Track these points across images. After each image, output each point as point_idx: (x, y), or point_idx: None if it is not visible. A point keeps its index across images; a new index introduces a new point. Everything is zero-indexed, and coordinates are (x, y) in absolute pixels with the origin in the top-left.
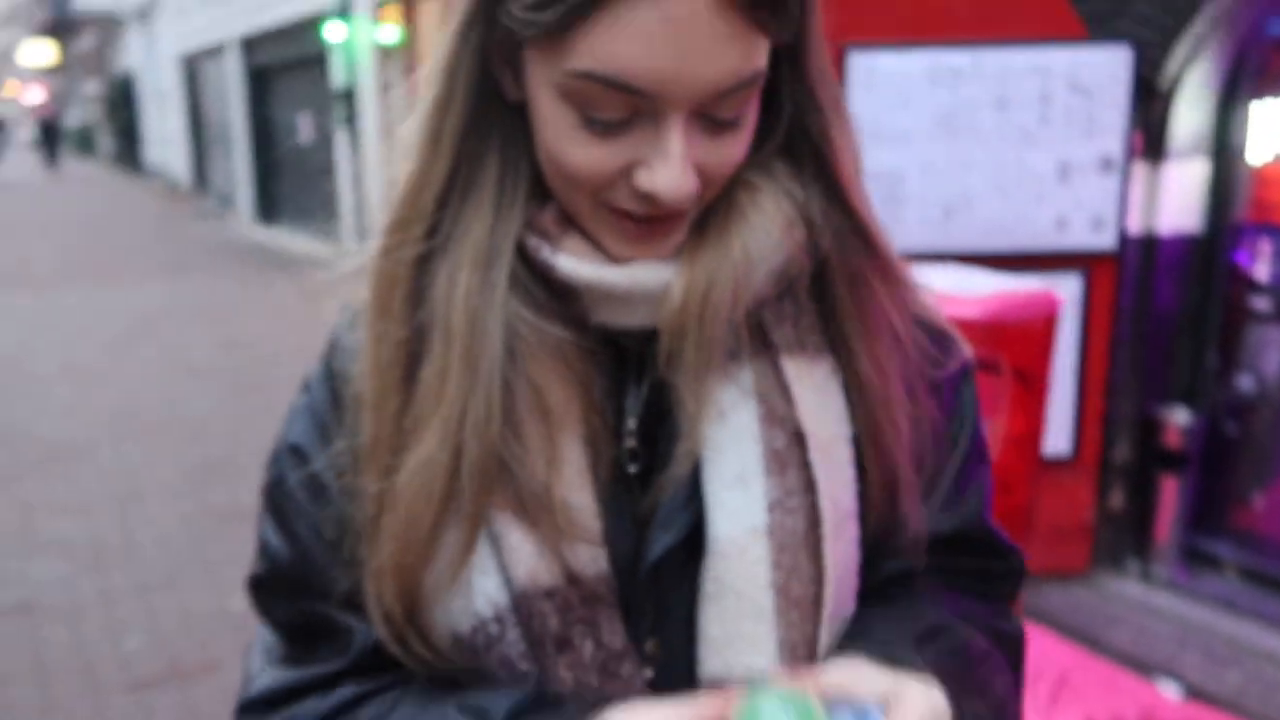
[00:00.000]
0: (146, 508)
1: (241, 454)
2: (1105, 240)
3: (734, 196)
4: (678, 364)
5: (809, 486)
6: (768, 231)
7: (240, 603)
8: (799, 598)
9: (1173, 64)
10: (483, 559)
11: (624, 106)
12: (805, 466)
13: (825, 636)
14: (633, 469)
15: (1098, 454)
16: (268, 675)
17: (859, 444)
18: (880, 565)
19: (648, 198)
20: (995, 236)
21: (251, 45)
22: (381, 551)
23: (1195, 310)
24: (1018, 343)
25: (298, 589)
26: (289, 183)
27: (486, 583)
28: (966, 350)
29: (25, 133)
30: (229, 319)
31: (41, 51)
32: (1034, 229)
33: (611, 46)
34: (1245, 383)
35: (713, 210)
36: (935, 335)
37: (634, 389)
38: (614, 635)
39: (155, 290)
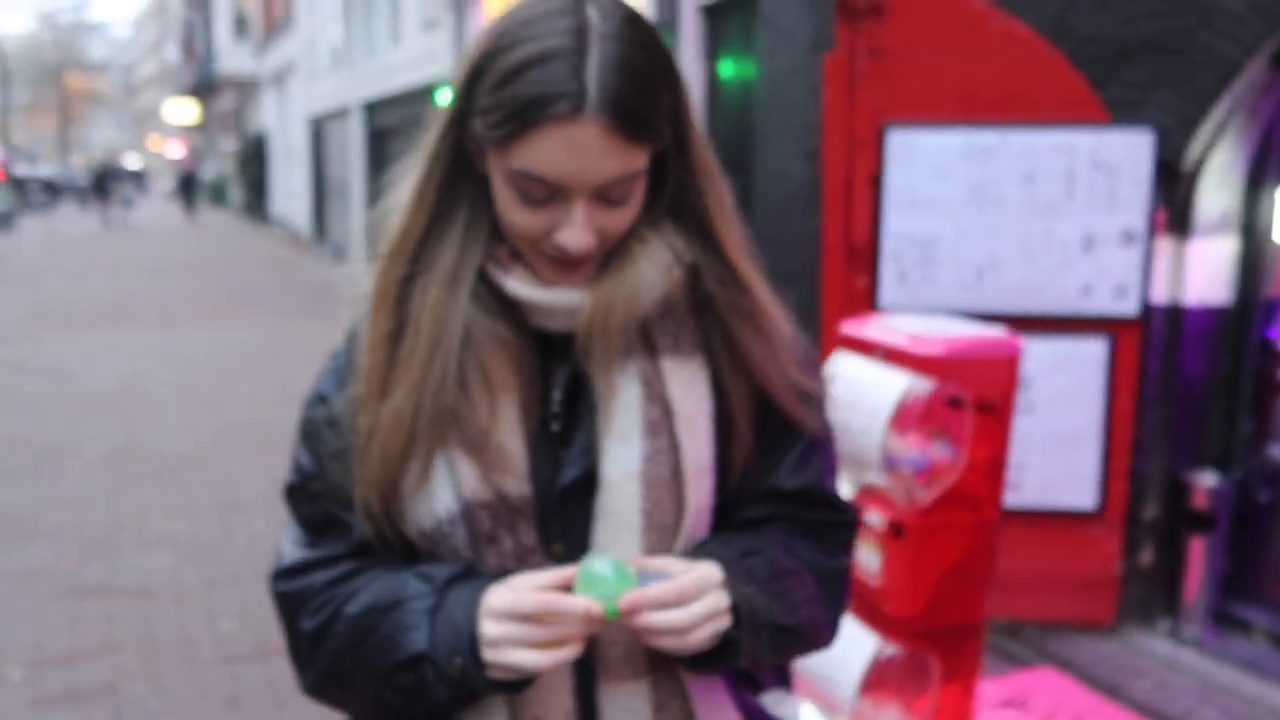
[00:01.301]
0: (243, 512)
1: None
2: (1128, 307)
3: (629, 245)
4: (588, 358)
5: (674, 447)
6: (652, 272)
7: None
8: (659, 523)
9: (1195, 148)
10: (442, 478)
11: (545, 192)
12: (672, 433)
13: (677, 551)
14: (555, 427)
15: (1124, 510)
16: (292, 554)
17: (722, 421)
18: (742, 510)
19: (561, 249)
20: (1023, 299)
21: (373, 109)
22: (368, 468)
23: (1227, 379)
24: (980, 378)
25: (317, 494)
26: None
27: (445, 494)
28: (820, 382)
29: (164, 183)
30: (327, 357)
31: (185, 110)
32: (1060, 294)
33: (535, 156)
34: (1278, 452)
35: (614, 254)
36: (801, 376)
37: (559, 374)
38: (528, 536)
39: (267, 328)
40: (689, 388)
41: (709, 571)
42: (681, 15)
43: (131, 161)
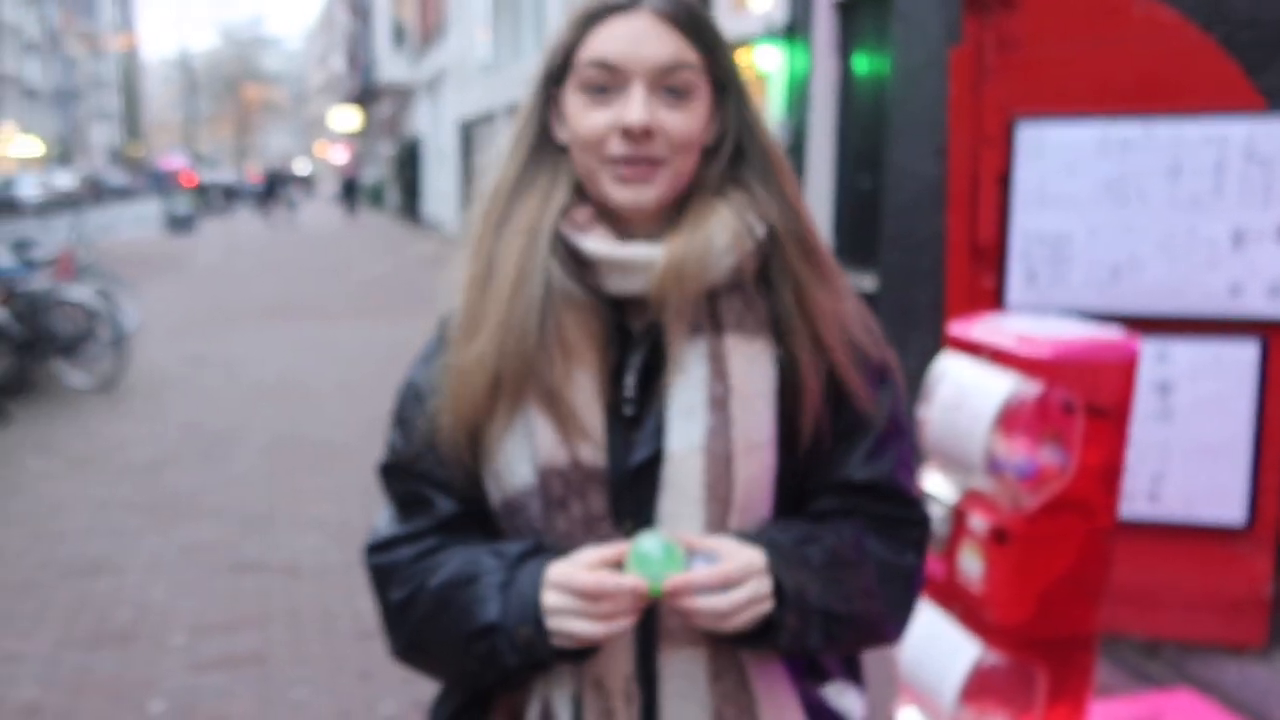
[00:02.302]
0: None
1: None
2: None
3: (701, 209)
4: (664, 313)
5: (732, 422)
6: (724, 234)
7: None
8: (721, 496)
9: None
10: (522, 446)
11: (609, 78)
12: (730, 409)
13: (733, 524)
14: (629, 411)
15: (1276, 526)
16: (385, 529)
17: (787, 399)
18: (815, 502)
19: (627, 132)
20: (1164, 300)
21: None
22: (457, 404)
23: None
24: (1091, 381)
25: (408, 473)
26: None
27: (523, 466)
28: (888, 356)
29: (329, 187)
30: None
31: (349, 117)
32: (1205, 294)
33: (599, 44)
34: None
35: (685, 217)
36: (867, 339)
37: (634, 358)
38: (598, 505)
39: (417, 325)
40: (750, 364)
41: (753, 558)
42: (815, 11)
43: (300, 167)
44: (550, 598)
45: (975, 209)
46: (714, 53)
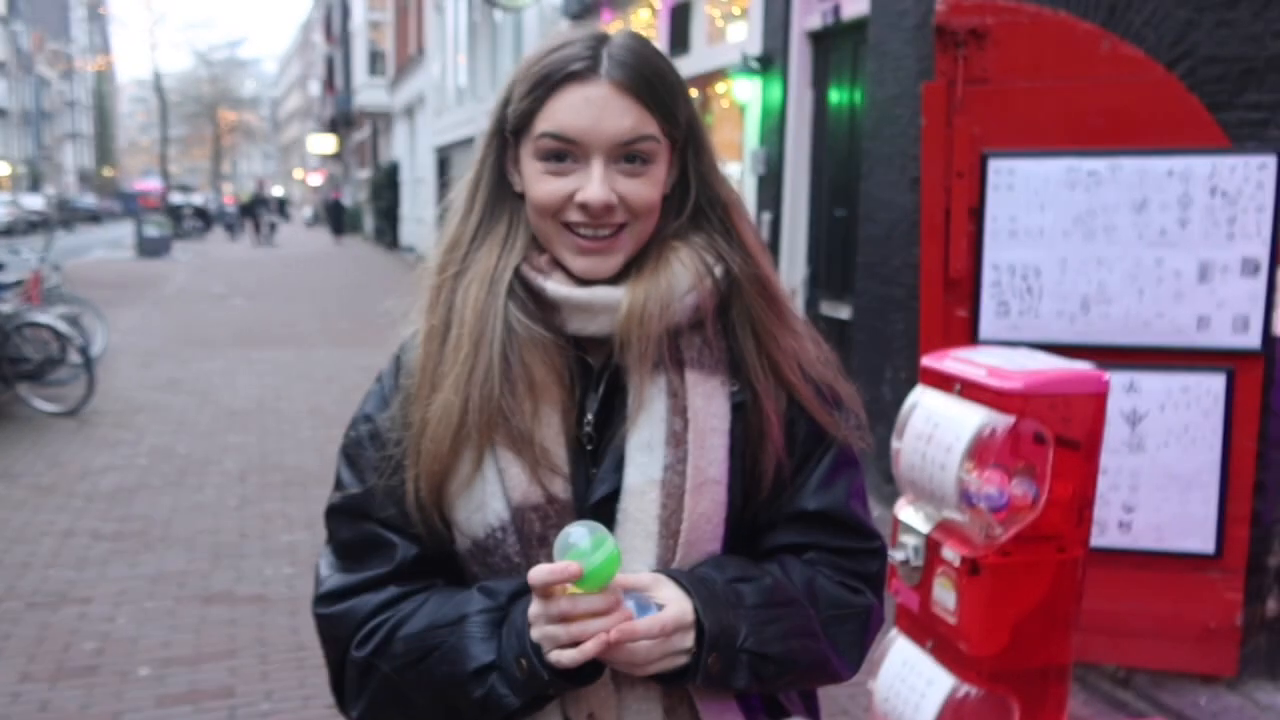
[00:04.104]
0: None
1: None
2: (1250, 340)
3: (662, 251)
4: (626, 355)
5: (687, 458)
6: (685, 275)
7: None
8: (674, 530)
9: None
10: (493, 486)
11: (566, 150)
12: (687, 445)
13: (680, 559)
14: (589, 446)
15: (1246, 556)
16: (334, 579)
17: (744, 438)
18: (769, 537)
19: (584, 207)
20: (1133, 332)
21: None
22: (421, 460)
23: None
24: (1062, 414)
25: (359, 514)
26: None
27: (496, 503)
28: (843, 389)
29: (305, 212)
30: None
31: (325, 142)
32: (1174, 326)
33: (556, 115)
34: None
35: (646, 260)
36: (825, 373)
37: (592, 396)
38: None
39: (388, 351)
40: (708, 401)
41: (685, 612)
42: (791, 43)
43: (276, 191)
44: (533, 631)
45: (948, 241)
46: (673, 115)
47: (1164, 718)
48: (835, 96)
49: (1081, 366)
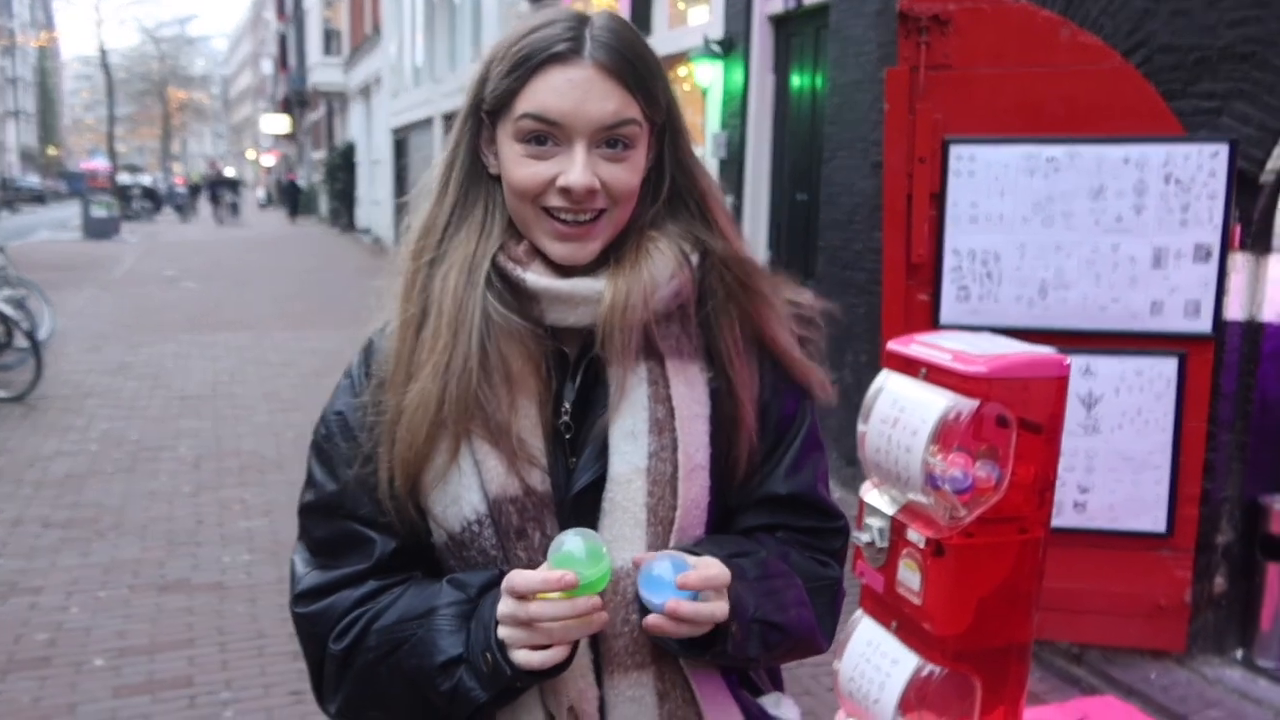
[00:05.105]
0: None
1: None
2: (1201, 324)
3: (641, 242)
4: (608, 347)
5: (675, 445)
6: (664, 264)
7: None
8: (662, 518)
9: (1275, 159)
10: (470, 478)
11: (548, 132)
12: (673, 431)
13: (673, 545)
14: (566, 435)
15: (1196, 535)
16: (311, 576)
17: (721, 424)
18: (741, 519)
19: (566, 191)
20: (1090, 316)
21: (453, 120)
22: (394, 449)
23: None
24: (1025, 397)
25: (334, 511)
26: None
27: (472, 496)
28: (812, 375)
29: (258, 193)
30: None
31: (279, 122)
32: (1129, 311)
33: (538, 96)
34: None
35: (625, 250)
36: (796, 357)
37: (570, 385)
38: (554, 529)
39: (348, 334)
40: (689, 388)
41: (724, 569)
42: (753, 27)
43: (229, 172)
44: (500, 629)
45: (909, 226)
46: (654, 99)
47: (1115, 694)
48: (797, 81)
49: (1043, 351)
